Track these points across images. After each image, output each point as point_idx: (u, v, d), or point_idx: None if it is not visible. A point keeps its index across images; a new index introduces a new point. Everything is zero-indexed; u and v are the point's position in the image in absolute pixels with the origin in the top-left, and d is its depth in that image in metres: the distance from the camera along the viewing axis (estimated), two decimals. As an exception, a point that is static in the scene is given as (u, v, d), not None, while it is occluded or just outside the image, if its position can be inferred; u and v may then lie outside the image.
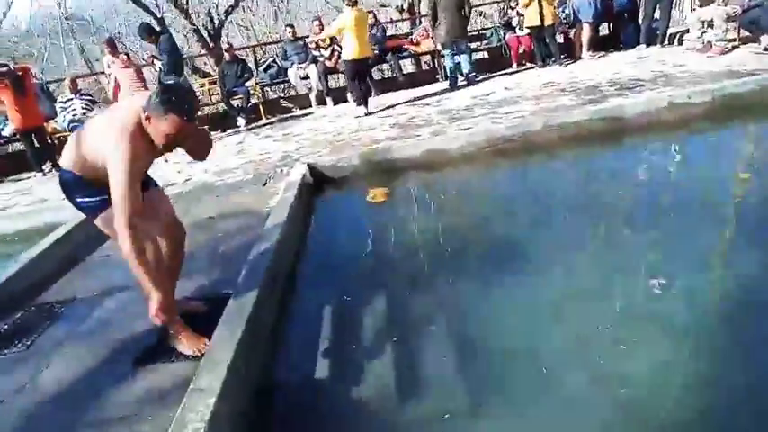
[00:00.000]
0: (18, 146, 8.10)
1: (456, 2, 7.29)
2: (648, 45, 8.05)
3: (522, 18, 8.25)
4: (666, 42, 7.93)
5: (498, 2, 10.68)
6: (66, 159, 2.33)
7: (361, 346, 2.56)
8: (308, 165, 4.69)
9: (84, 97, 7.96)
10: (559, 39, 8.64)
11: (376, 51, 8.08)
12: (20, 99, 7.00)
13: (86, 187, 2.30)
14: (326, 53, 8.25)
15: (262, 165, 5.49)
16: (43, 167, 7.31)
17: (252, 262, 2.98)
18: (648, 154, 4.55)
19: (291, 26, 8.94)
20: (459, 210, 4.09)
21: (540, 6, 7.59)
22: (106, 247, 3.90)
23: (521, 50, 8.61)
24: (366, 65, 7.03)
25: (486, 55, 9.41)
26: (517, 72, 8.34)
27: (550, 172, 4.49)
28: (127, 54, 8.24)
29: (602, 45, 8.50)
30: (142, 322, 2.68)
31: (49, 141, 7.62)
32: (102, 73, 8.53)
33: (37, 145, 7.28)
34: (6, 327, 2.98)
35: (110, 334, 2.74)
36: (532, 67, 8.31)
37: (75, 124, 7.44)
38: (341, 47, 7.18)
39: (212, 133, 7.91)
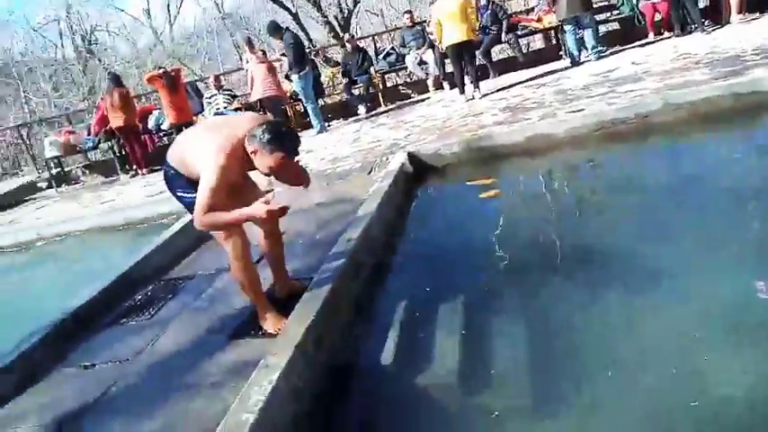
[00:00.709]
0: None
1: None
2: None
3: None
4: None
5: None
6: (172, 156, 2.62)
7: (435, 339, 2.60)
8: (409, 153, 4.78)
9: (225, 92, 8.84)
10: (703, 1, 7.68)
11: (479, 35, 7.81)
12: (173, 97, 8.00)
13: (186, 183, 2.60)
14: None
15: (371, 153, 5.70)
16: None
17: (336, 249, 3.17)
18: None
19: (410, 12, 9.04)
20: (553, 204, 3.91)
21: (679, -33, 6.80)
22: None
23: (657, 18, 7.80)
24: (465, 50, 6.82)
25: (617, 26, 8.66)
26: (651, 43, 7.60)
27: (662, 158, 4.09)
28: (263, 51, 8.97)
29: (757, 5, 7.38)
30: (242, 299, 3.03)
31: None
32: (240, 69, 9.35)
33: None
34: (139, 298, 3.53)
35: (215, 309, 3.12)
36: (669, 37, 7.50)
37: (218, 113, 8.32)
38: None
39: (334, 122, 8.44)
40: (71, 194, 8.52)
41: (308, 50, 10.62)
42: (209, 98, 8.76)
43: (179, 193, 2.64)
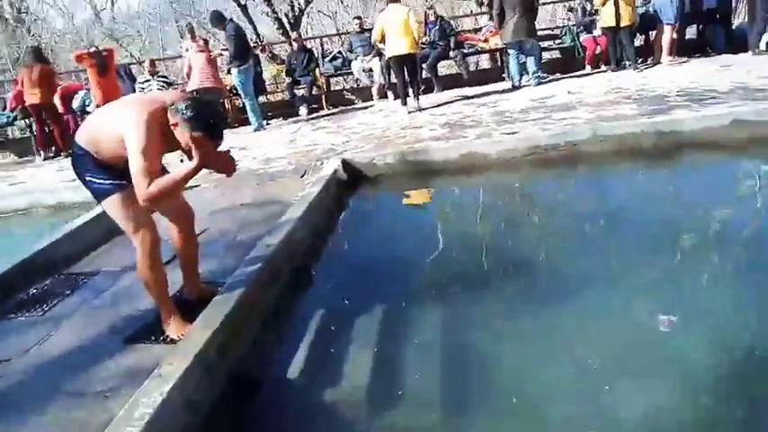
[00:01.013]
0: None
1: (527, 2, 7.04)
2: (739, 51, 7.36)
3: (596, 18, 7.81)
4: (763, 49, 7.18)
5: None
6: (82, 135, 2.39)
7: (347, 352, 2.54)
8: (343, 160, 4.70)
9: (160, 78, 8.44)
10: (638, 41, 8.09)
11: (424, 48, 7.91)
12: (102, 78, 7.55)
13: (96, 167, 2.37)
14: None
15: (306, 156, 5.58)
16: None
17: (254, 253, 3.04)
18: (696, 176, 4.19)
19: (359, 18, 9.00)
20: (481, 219, 3.96)
21: (617, 6, 7.13)
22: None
23: (597, 52, 8.15)
24: (408, 62, 6.84)
25: (558, 55, 8.99)
26: (587, 75, 7.91)
27: (584, 186, 4.25)
28: (205, 40, 8.63)
29: (687, 49, 7.87)
30: (146, 301, 2.83)
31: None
32: (180, 57, 8.97)
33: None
34: (34, 291, 3.24)
35: (115, 309, 2.91)
36: (605, 71, 7.85)
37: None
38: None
39: (273, 121, 8.24)
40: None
41: (252, 45, 10.37)
42: (143, 83, 8.34)
43: (87, 178, 2.39)
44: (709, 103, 5.02)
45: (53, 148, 8.14)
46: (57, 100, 8.23)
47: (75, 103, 8.54)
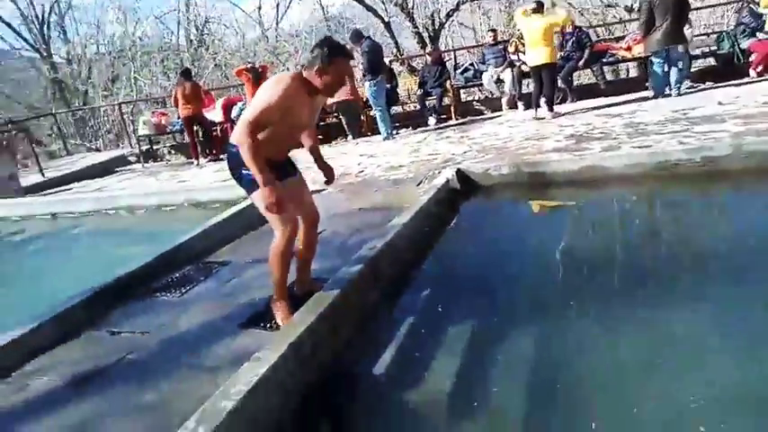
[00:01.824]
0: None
1: (675, 3, 6.53)
2: None
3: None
4: None
5: (733, 1, 9.06)
6: (234, 135, 2.67)
7: (436, 360, 2.60)
8: (457, 170, 4.77)
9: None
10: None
11: (560, 58, 7.73)
12: (256, 90, 8.42)
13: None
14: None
15: (426, 165, 5.73)
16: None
17: (358, 255, 3.24)
18: None
19: (494, 30, 8.96)
20: (591, 236, 3.78)
21: (788, 5, 6.29)
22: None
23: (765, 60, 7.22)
24: (547, 72, 6.89)
25: (713, 62, 8.13)
26: (746, 84, 7.06)
27: (712, 208, 3.85)
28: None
29: None
30: (263, 292, 3.20)
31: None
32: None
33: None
34: (177, 276, 3.78)
35: (236, 296, 3.30)
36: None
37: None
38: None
39: (403, 130, 8.53)
40: (153, 171, 9.20)
41: (392, 59, 10.82)
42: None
43: (242, 171, 2.64)
44: None
45: (213, 152, 9.23)
46: (218, 110, 9.36)
47: (234, 113, 9.63)
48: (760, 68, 7.25)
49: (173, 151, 10.44)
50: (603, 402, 2.12)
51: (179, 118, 9.97)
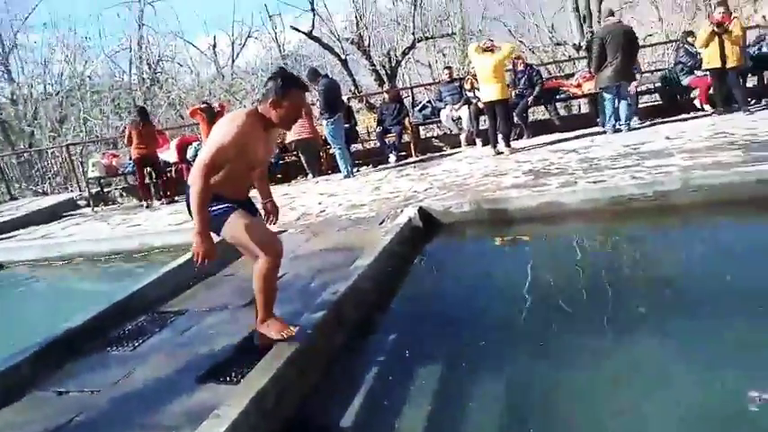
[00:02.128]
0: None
1: (626, 41, 6.92)
2: None
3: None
4: None
5: (673, 41, 9.65)
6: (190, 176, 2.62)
7: (401, 404, 2.55)
8: (419, 208, 4.77)
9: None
10: (752, 82, 7.49)
11: (515, 94, 8.02)
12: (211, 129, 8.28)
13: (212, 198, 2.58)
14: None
15: (387, 203, 5.72)
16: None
17: (321, 300, 3.16)
18: None
19: (449, 68, 9.20)
20: (551, 272, 3.82)
21: (722, 46, 6.70)
22: (235, 265, 4.45)
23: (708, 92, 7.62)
24: (501, 107, 7.10)
25: (658, 98, 8.55)
26: (690, 119, 7.42)
27: (666, 240, 3.98)
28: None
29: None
30: (224, 340, 3.07)
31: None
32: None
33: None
34: (129, 328, 3.57)
35: (195, 347, 3.13)
36: (710, 114, 7.33)
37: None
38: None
39: (363, 168, 8.55)
40: (105, 215, 8.86)
41: (350, 96, 10.93)
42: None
43: (211, 208, 2.54)
44: (827, 149, 4.53)
45: (167, 194, 8.98)
46: (172, 150, 9.17)
47: (189, 153, 9.45)
48: (701, 101, 7.66)
49: (125, 194, 10.11)
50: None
51: (131, 159, 9.72)
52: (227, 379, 2.70)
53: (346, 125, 8.05)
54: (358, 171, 8.29)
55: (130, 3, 19.32)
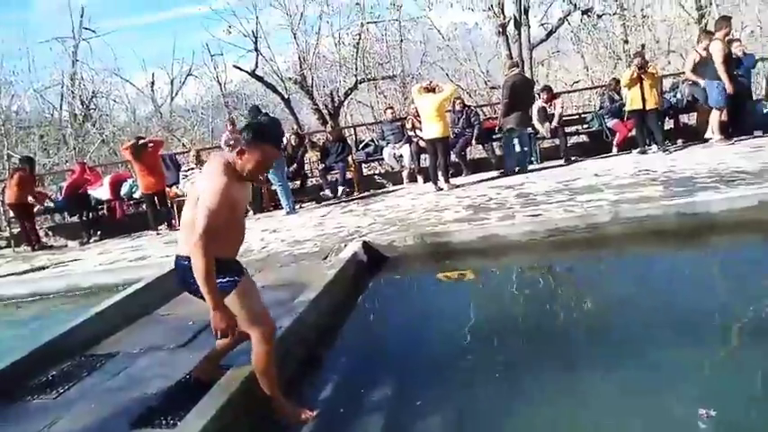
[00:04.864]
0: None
1: (530, 94, 7.71)
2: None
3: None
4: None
5: (600, 86, 10.38)
6: (183, 246, 2.49)
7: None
8: (364, 242, 4.77)
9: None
10: (668, 124, 8.11)
11: (454, 135, 8.29)
12: (141, 166, 7.98)
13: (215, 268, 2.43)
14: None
15: (331, 238, 5.69)
16: (159, 228, 8.22)
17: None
18: (719, 259, 4.07)
19: (391, 108, 9.45)
20: (494, 304, 3.90)
21: (642, 90, 7.24)
22: (171, 305, 4.26)
23: (626, 135, 8.18)
24: (440, 145, 7.31)
25: (586, 139, 9.08)
26: (615, 157, 7.92)
27: (599, 269, 4.18)
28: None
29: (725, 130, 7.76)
30: (159, 383, 2.90)
31: (170, 205, 8.63)
32: (218, 146, 9.52)
33: (158, 207, 8.26)
34: (53, 375, 3.31)
35: (125, 392, 2.94)
36: (633, 153, 7.84)
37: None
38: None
39: (307, 204, 8.52)
40: (27, 256, 8.33)
41: (290, 134, 10.94)
42: (186, 171, 8.85)
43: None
44: (737, 185, 4.91)
45: (98, 232, 8.58)
46: (105, 186, 8.83)
47: (123, 190, 9.12)
48: (618, 145, 8.24)
49: (50, 233, 9.57)
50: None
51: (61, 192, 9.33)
52: (163, 424, 2.55)
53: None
54: (301, 207, 8.24)
55: (64, 38, 18.73)
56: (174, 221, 8.58)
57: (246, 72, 13.63)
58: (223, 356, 2.90)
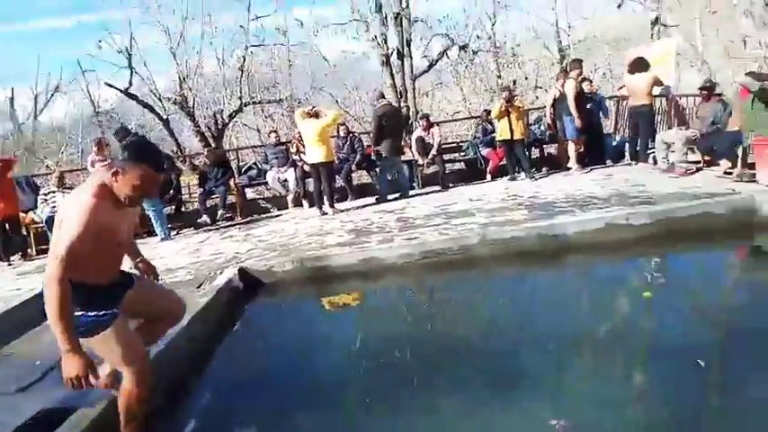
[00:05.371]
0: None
1: (400, 122, 8.14)
2: (621, 162, 8.14)
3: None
4: (648, 161, 7.89)
5: (476, 117, 11.14)
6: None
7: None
8: (240, 268, 4.64)
9: (67, 190, 8.20)
10: (535, 154, 8.84)
11: (339, 158, 8.42)
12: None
13: (87, 298, 2.22)
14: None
15: (207, 265, 5.46)
16: (11, 258, 7.38)
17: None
18: (565, 276, 4.52)
19: (275, 131, 9.35)
20: (372, 328, 3.97)
21: (510, 121, 7.84)
22: (13, 345, 3.83)
23: (499, 163, 8.79)
24: (324, 169, 7.37)
25: (462, 165, 9.62)
26: (488, 183, 8.46)
27: (468, 288, 4.45)
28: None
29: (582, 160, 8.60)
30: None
31: (24, 232, 7.79)
32: (85, 169, 8.82)
33: (10, 234, 7.43)
34: None
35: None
36: (503, 179, 8.43)
37: (52, 215, 7.61)
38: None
39: (185, 230, 8.12)
40: None
41: (173, 156, 10.43)
42: (46, 195, 8.07)
43: (77, 314, 2.18)
44: (589, 209, 5.44)
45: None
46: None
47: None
48: (492, 172, 8.84)
49: None
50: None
51: None
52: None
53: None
54: (177, 233, 7.84)
55: None
56: (29, 250, 7.78)
57: (119, 90, 12.81)
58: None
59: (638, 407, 2.51)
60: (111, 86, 12.84)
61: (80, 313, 2.21)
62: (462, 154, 9.54)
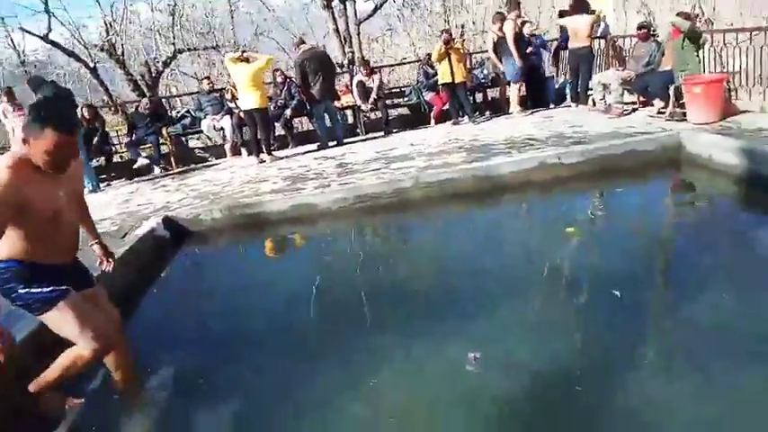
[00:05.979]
0: None
1: (328, 65, 7.69)
2: (562, 103, 8.18)
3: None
4: (588, 103, 7.94)
5: (417, 61, 10.90)
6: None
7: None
8: (165, 217, 4.43)
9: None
10: (479, 97, 8.76)
11: (276, 105, 8.14)
12: None
13: (34, 274, 2.09)
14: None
15: (134, 216, 5.20)
16: None
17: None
18: (495, 215, 4.56)
19: (208, 78, 8.88)
20: (301, 271, 3.89)
21: (451, 64, 7.68)
22: None
23: (443, 108, 8.67)
24: (260, 116, 7.08)
25: (407, 111, 9.47)
26: (432, 127, 8.37)
27: (401, 230, 4.43)
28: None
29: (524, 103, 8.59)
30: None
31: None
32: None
33: None
34: None
35: None
36: (446, 123, 8.35)
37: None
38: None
39: (115, 182, 7.74)
40: None
41: (103, 105, 9.83)
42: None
43: (20, 291, 2.08)
44: (526, 150, 5.44)
45: None
46: None
47: None
48: (436, 117, 8.72)
49: None
50: None
51: None
52: None
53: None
54: (109, 185, 7.46)
55: None
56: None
57: (38, 36, 11.80)
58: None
59: (553, 336, 2.54)
60: (28, 32, 11.85)
61: (23, 290, 2.09)
62: (406, 99, 9.36)
